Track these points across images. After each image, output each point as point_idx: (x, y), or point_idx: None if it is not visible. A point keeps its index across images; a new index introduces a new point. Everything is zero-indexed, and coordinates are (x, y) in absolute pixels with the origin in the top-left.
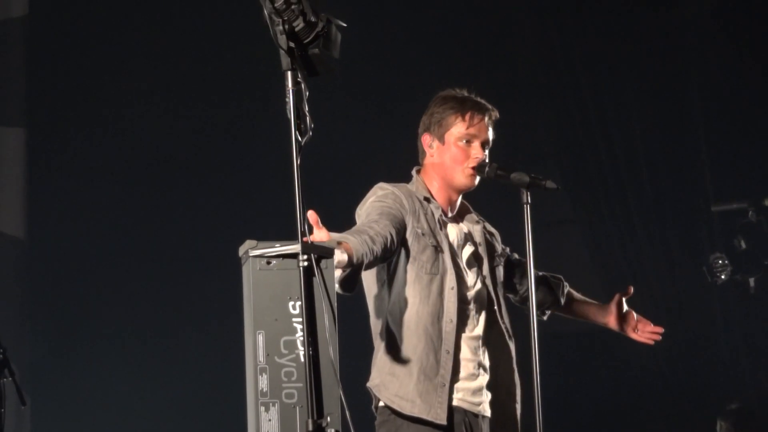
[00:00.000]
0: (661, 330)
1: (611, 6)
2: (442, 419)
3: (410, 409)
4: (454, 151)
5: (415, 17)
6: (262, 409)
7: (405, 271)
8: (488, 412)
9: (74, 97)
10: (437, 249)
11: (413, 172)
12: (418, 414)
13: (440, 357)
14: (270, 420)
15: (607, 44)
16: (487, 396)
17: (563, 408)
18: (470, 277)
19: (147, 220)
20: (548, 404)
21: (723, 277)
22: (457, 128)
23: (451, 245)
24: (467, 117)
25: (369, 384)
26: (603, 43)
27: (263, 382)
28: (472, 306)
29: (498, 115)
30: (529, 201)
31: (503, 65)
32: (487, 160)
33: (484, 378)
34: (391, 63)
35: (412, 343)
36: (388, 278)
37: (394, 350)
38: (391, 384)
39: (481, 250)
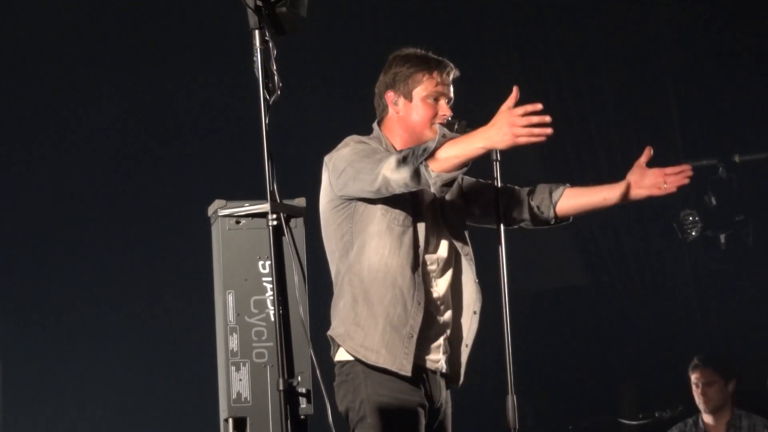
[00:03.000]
0: (688, 167)
1: None
2: (407, 370)
3: (375, 359)
4: (421, 107)
5: None
6: (233, 368)
7: (374, 222)
8: (446, 368)
9: (39, 62)
10: (410, 202)
11: (375, 126)
12: (383, 364)
13: (409, 308)
14: (241, 380)
15: (576, 3)
16: (446, 352)
17: (536, 363)
18: (440, 231)
19: (114, 182)
20: (521, 360)
21: (693, 233)
22: (425, 86)
23: (422, 199)
24: (435, 75)
25: (330, 333)
26: (572, 3)
27: (233, 342)
28: (441, 260)
29: (459, 74)
30: (499, 158)
31: (474, 36)
32: (451, 118)
33: (446, 333)
34: (364, 29)
35: (379, 293)
36: (354, 227)
37: (360, 300)
38: (355, 334)
39: (450, 203)
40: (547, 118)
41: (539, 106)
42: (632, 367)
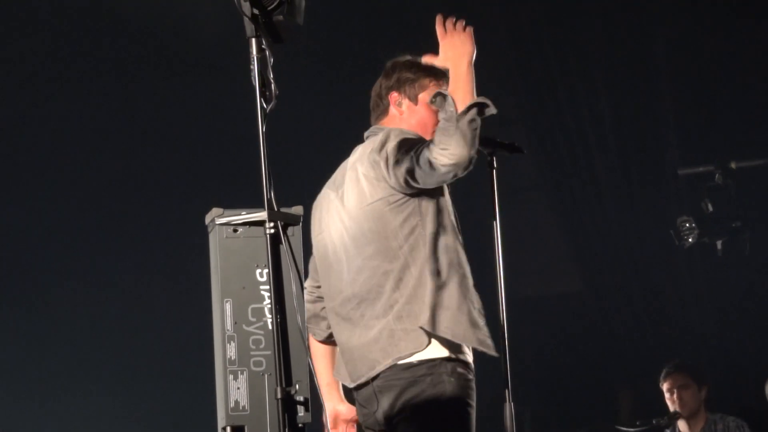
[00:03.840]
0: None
1: None
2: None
3: (470, 338)
4: (424, 112)
5: None
6: (231, 377)
7: (443, 213)
8: None
9: (42, 62)
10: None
11: (376, 123)
12: (477, 345)
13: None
14: (239, 388)
15: (572, 7)
16: None
17: (533, 370)
18: None
19: (112, 190)
20: (518, 367)
21: (690, 240)
22: (430, 91)
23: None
24: (441, 83)
25: (421, 324)
26: (568, 6)
27: (231, 350)
28: None
29: None
30: (495, 166)
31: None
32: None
33: None
34: (358, 32)
35: (467, 282)
36: (424, 220)
37: (441, 285)
38: (443, 317)
39: None
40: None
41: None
42: (630, 374)
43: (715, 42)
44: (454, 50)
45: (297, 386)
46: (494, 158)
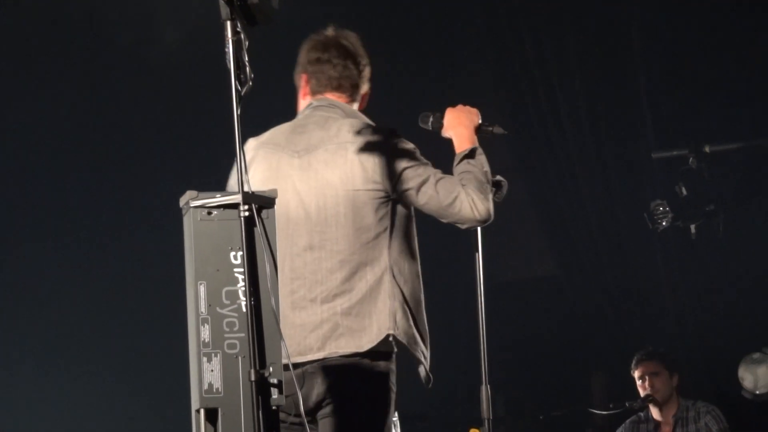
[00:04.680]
0: None
1: None
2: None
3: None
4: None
5: None
6: (205, 359)
7: (411, 226)
8: None
9: (9, 45)
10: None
11: (357, 110)
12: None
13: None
14: (212, 370)
15: None
16: None
17: (508, 354)
18: None
19: (83, 175)
20: (494, 350)
21: (664, 223)
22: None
23: None
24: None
25: (368, 326)
26: None
27: (205, 333)
28: None
29: None
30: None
31: (445, 12)
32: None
33: None
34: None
35: (419, 296)
36: (395, 223)
37: (409, 300)
38: (398, 325)
39: None
40: None
41: None
42: (604, 358)
43: (690, 25)
44: (464, 114)
45: (271, 368)
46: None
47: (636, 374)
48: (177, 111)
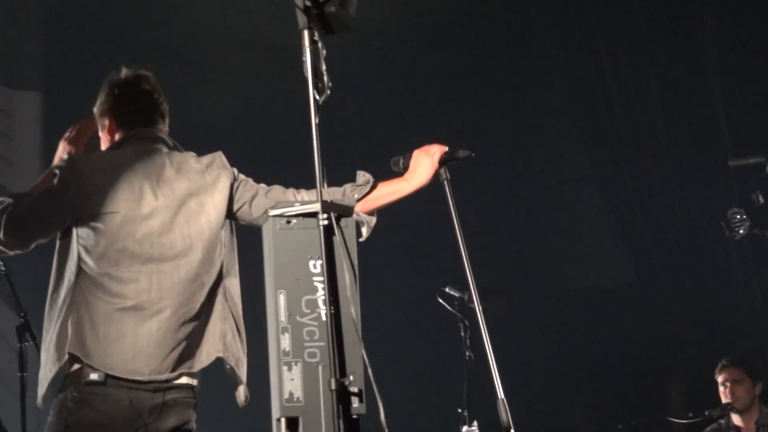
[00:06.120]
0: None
1: None
2: None
3: None
4: None
5: None
6: (285, 368)
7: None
8: None
9: (89, 63)
10: None
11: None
12: None
13: None
14: (293, 379)
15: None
16: None
17: (587, 362)
18: None
19: None
20: (572, 358)
21: (741, 231)
22: None
23: None
24: None
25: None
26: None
27: (285, 342)
28: None
29: None
30: (449, 177)
31: (519, 24)
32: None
33: None
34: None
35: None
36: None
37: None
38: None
39: None
40: None
41: None
42: (682, 366)
43: (765, 32)
44: (425, 165)
45: (351, 377)
46: (446, 170)
47: (719, 379)
48: (252, 120)
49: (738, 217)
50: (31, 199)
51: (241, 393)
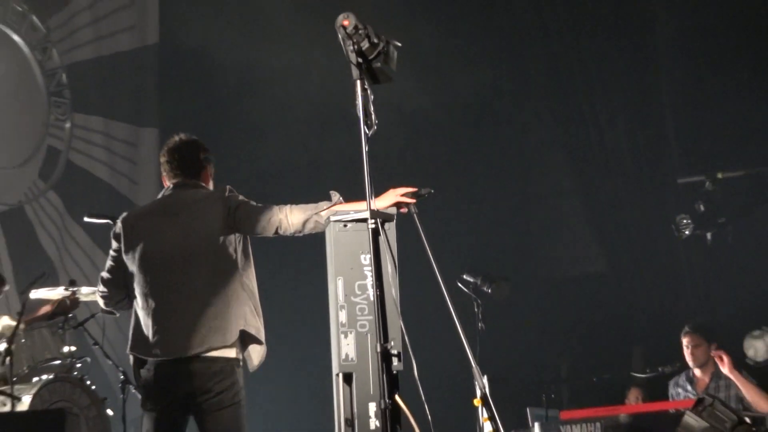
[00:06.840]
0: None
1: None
2: None
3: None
4: None
5: None
6: (342, 336)
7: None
8: None
9: (200, 101)
10: None
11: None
12: None
13: None
14: (348, 344)
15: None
16: None
17: (569, 332)
18: None
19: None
20: (560, 330)
21: (687, 232)
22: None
23: None
24: None
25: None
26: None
27: (342, 316)
28: None
29: None
30: (416, 210)
31: (506, 44)
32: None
33: None
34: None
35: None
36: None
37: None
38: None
39: None
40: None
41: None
42: (642, 333)
43: (713, 77)
44: (388, 196)
45: (392, 342)
46: (414, 205)
47: (683, 342)
48: (324, 150)
49: (685, 221)
50: None
51: (258, 352)
